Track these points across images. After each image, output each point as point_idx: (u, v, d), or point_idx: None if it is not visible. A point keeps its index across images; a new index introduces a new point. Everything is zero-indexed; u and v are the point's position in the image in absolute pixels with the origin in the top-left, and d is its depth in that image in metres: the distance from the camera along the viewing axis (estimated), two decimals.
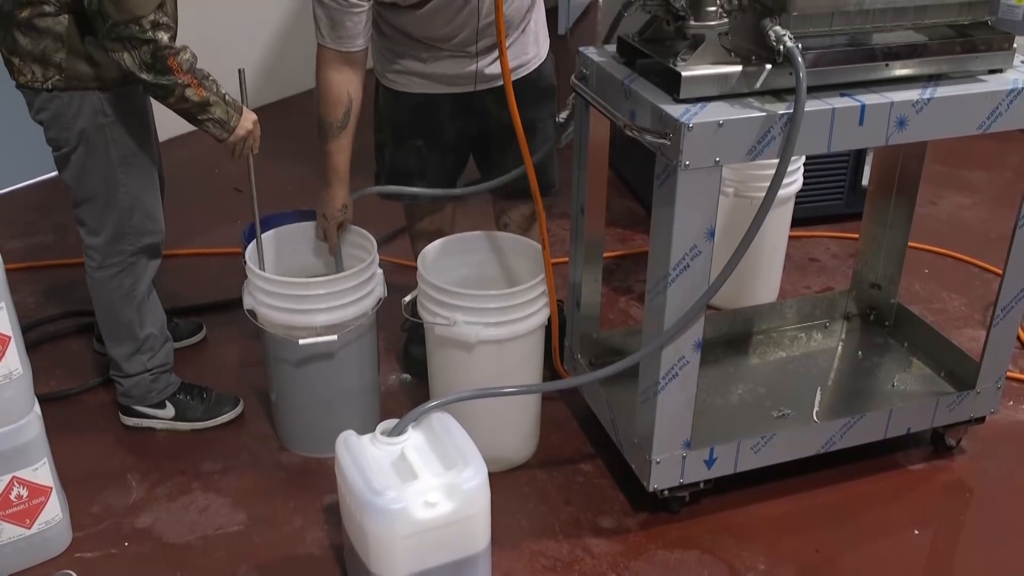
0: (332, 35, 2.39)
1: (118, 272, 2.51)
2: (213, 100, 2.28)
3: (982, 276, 3.56)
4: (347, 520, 2.10)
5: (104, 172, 2.39)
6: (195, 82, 2.23)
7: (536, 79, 2.68)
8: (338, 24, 2.36)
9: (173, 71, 2.20)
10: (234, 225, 3.47)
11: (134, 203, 2.45)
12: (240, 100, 2.38)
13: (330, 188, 2.55)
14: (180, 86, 2.22)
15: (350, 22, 2.36)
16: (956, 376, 2.64)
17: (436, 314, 2.40)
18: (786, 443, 2.41)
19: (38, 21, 2.23)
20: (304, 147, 4.17)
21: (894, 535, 2.42)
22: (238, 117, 2.33)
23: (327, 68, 2.44)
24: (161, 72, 2.19)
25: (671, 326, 2.10)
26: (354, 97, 2.47)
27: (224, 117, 2.31)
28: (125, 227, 2.46)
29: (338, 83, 2.44)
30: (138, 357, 2.62)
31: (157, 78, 2.20)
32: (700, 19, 1.99)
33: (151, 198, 2.49)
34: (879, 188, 2.83)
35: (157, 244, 2.55)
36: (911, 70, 2.09)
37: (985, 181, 4.32)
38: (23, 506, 2.23)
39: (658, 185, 2.03)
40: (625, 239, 3.79)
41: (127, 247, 2.49)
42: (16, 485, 2.20)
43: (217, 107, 2.29)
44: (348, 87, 2.45)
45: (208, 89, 2.27)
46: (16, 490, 2.21)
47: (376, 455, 2.05)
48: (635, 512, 2.46)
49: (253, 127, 2.39)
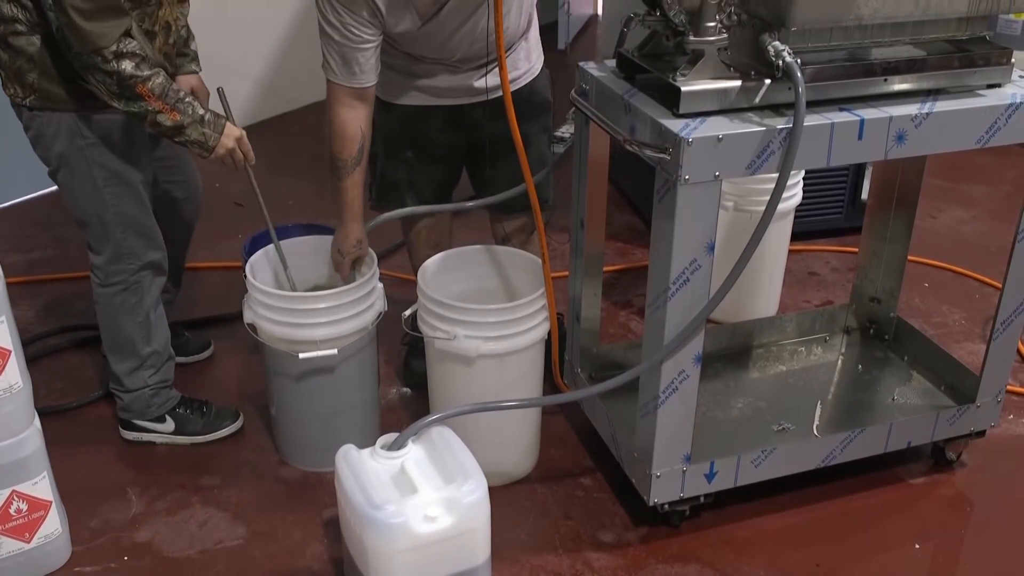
0: (344, 72, 2.38)
1: (122, 290, 2.51)
2: (187, 123, 2.27)
3: (982, 290, 3.56)
4: (347, 534, 2.10)
5: (91, 194, 2.39)
6: (167, 107, 2.23)
7: (528, 94, 2.68)
8: (350, 61, 2.36)
9: (144, 98, 2.20)
10: (235, 239, 3.48)
11: (127, 224, 2.44)
12: (226, 117, 2.38)
13: (344, 226, 2.54)
14: (152, 112, 2.22)
15: (362, 57, 2.36)
16: (956, 390, 2.64)
17: (436, 328, 2.40)
18: (786, 457, 2.41)
19: (12, 39, 2.24)
20: (303, 162, 4.19)
21: (895, 549, 2.42)
22: (217, 136, 2.32)
23: (339, 105, 2.41)
24: (131, 99, 2.20)
25: (671, 340, 2.11)
26: (366, 133, 2.46)
27: (200, 139, 2.30)
28: (122, 248, 2.46)
29: (351, 120, 2.42)
30: (140, 373, 2.62)
31: (128, 105, 2.21)
32: (699, 34, 1.99)
33: (144, 217, 2.48)
34: (878, 202, 2.83)
35: (158, 261, 2.55)
36: (910, 85, 2.10)
37: (984, 195, 4.33)
38: (22, 520, 2.23)
39: (658, 199, 2.04)
40: (625, 253, 3.79)
41: (128, 266, 2.49)
42: (15, 499, 2.20)
43: (192, 129, 2.28)
44: (360, 123, 2.44)
45: (182, 112, 2.26)
46: (15, 504, 2.20)
47: (376, 469, 2.05)
48: (635, 526, 2.46)
49: (236, 144, 2.37)
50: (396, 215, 2.72)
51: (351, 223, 2.53)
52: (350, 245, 2.55)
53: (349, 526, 2.05)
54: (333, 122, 2.44)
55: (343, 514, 2.09)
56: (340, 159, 2.46)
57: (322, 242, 2.70)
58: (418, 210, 2.73)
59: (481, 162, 2.77)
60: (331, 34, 2.33)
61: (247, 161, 2.42)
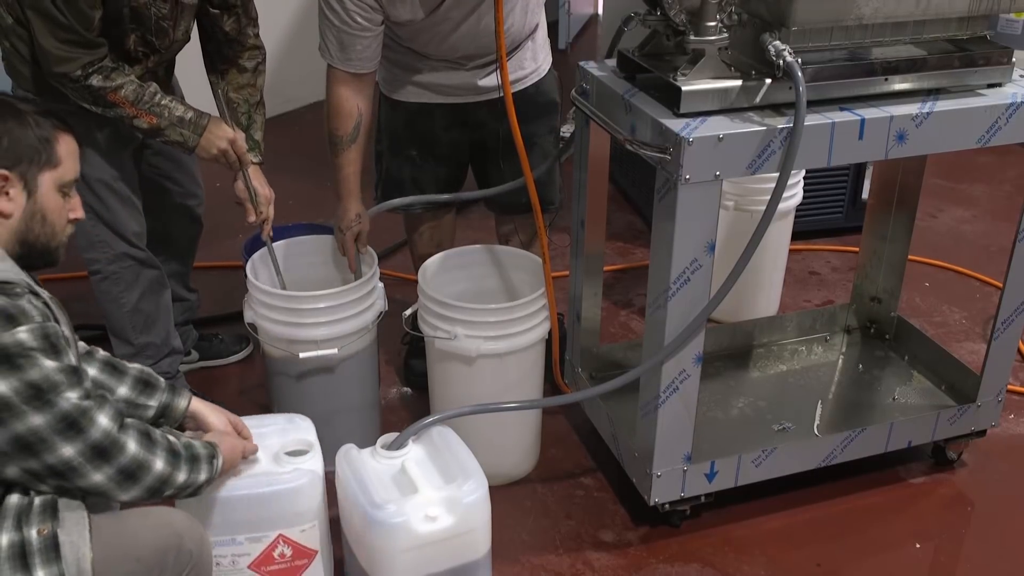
0: (341, 56, 2.39)
1: (103, 279, 2.54)
2: (165, 125, 2.29)
3: (982, 289, 3.56)
4: (347, 533, 2.10)
5: None
6: (142, 112, 2.26)
7: (535, 94, 2.68)
8: (347, 47, 2.36)
9: (118, 105, 2.24)
10: (235, 239, 3.48)
11: (96, 215, 2.44)
12: (218, 117, 2.39)
13: (341, 201, 2.56)
14: (128, 117, 2.26)
15: (360, 45, 2.36)
16: (957, 389, 2.64)
17: (437, 328, 2.40)
18: (787, 457, 2.41)
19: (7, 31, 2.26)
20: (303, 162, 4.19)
21: (895, 548, 2.42)
22: (196, 138, 2.33)
23: (337, 84, 2.44)
24: (107, 107, 2.24)
25: (672, 340, 2.11)
26: (364, 111, 2.47)
27: (180, 139, 2.33)
28: (92, 237, 2.48)
29: (348, 98, 2.44)
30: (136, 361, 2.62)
31: (105, 111, 2.25)
32: (700, 34, 1.99)
33: (116, 211, 2.48)
34: (879, 202, 2.83)
35: (135, 255, 2.54)
36: (910, 84, 2.10)
37: (984, 194, 4.33)
38: (284, 565, 2.05)
39: (658, 199, 2.04)
40: (625, 253, 3.79)
41: (101, 255, 2.50)
42: (281, 543, 2.04)
43: (171, 131, 2.30)
44: (358, 101, 2.45)
45: (159, 115, 2.28)
46: (280, 548, 2.04)
47: (376, 469, 2.05)
48: (636, 526, 2.46)
49: (228, 145, 2.38)
50: (397, 204, 2.71)
51: (348, 199, 2.55)
52: (349, 219, 2.56)
53: (350, 525, 2.05)
54: (330, 100, 2.46)
55: (344, 513, 2.09)
56: (336, 135, 2.48)
57: (322, 242, 2.70)
58: (419, 199, 2.73)
59: (486, 161, 2.77)
60: (331, 18, 2.34)
61: (242, 163, 2.43)
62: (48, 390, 1.49)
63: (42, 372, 1.49)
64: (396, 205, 2.71)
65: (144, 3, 2.23)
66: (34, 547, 1.54)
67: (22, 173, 1.66)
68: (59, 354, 1.53)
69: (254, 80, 2.54)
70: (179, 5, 2.31)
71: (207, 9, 2.41)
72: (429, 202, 2.75)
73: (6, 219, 1.64)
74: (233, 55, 2.50)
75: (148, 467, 1.65)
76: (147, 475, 1.65)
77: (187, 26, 2.40)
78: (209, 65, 2.55)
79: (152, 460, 1.65)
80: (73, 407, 1.52)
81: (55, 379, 1.50)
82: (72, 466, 1.56)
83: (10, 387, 1.46)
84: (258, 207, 2.49)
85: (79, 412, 1.54)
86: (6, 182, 1.64)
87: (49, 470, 1.55)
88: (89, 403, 1.56)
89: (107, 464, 1.59)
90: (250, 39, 2.50)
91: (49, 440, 1.52)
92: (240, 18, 2.45)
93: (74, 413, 1.53)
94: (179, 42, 2.41)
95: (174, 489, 1.72)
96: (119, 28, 2.23)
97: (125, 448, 1.61)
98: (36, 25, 2.12)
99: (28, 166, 1.67)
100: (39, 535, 1.55)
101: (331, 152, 2.52)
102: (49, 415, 1.50)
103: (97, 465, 1.58)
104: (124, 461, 1.60)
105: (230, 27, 2.45)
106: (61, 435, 1.52)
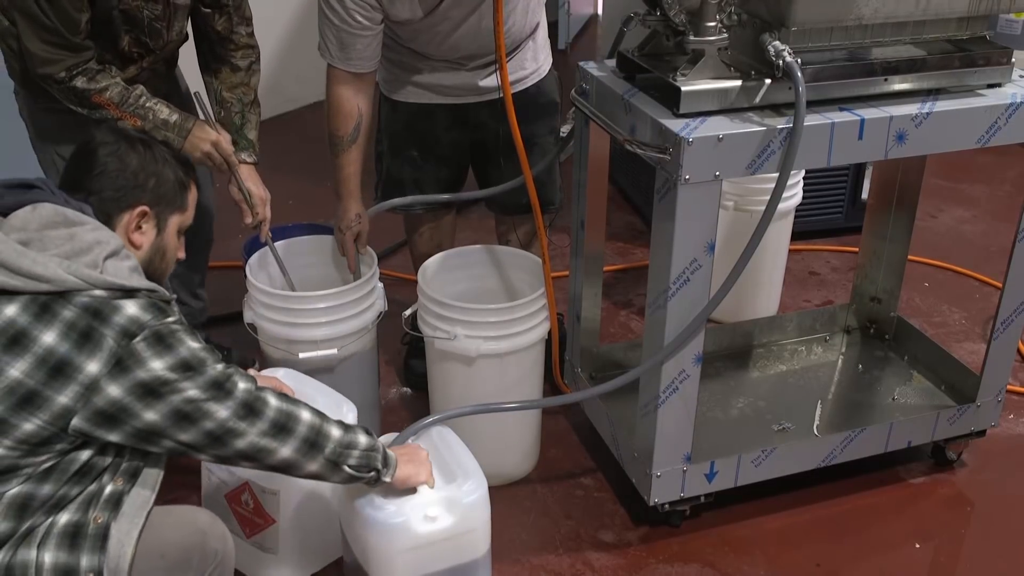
0: (341, 56, 2.39)
1: None
2: (149, 127, 2.28)
3: (982, 289, 3.56)
4: (347, 533, 2.10)
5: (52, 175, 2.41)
6: (126, 114, 2.26)
7: (535, 94, 2.68)
8: (347, 46, 2.36)
9: (102, 107, 2.24)
10: (235, 239, 3.48)
11: None
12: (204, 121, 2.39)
13: (341, 201, 2.56)
14: (113, 119, 2.26)
15: (360, 44, 2.36)
16: (956, 389, 2.64)
17: (436, 328, 2.40)
18: (787, 457, 2.41)
19: None
20: (303, 162, 4.19)
21: (895, 549, 2.42)
22: (180, 140, 2.33)
23: (337, 84, 2.44)
24: (92, 108, 2.25)
25: (672, 340, 2.11)
26: (364, 111, 2.47)
27: (164, 142, 2.31)
28: None
29: (348, 97, 2.44)
30: None
31: (91, 113, 2.26)
32: (699, 34, 1.99)
33: None
34: (879, 202, 2.83)
35: None
36: (910, 84, 2.10)
37: (984, 195, 4.33)
38: (247, 515, 2.22)
39: (658, 199, 2.04)
40: (625, 253, 3.79)
41: None
42: (247, 492, 2.19)
43: (156, 133, 2.29)
44: (359, 101, 2.45)
45: (143, 117, 2.28)
46: (245, 495, 2.20)
47: None
48: (636, 526, 2.46)
49: (211, 148, 2.37)
50: (397, 203, 2.71)
51: (347, 199, 2.55)
52: (349, 220, 2.56)
53: (349, 525, 2.05)
54: (330, 99, 2.46)
55: (343, 513, 2.09)
56: (336, 135, 2.48)
57: (322, 242, 2.70)
58: (419, 199, 2.73)
59: (486, 162, 2.77)
60: (331, 17, 2.34)
61: (229, 164, 2.42)
62: (197, 364, 1.63)
63: (190, 350, 1.63)
64: (396, 205, 2.71)
65: (136, 5, 2.23)
66: (88, 531, 1.63)
67: (158, 212, 1.82)
68: (196, 337, 1.67)
69: (248, 79, 2.53)
70: (171, 6, 2.31)
71: (199, 8, 2.40)
72: (429, 202, 2.75)
73: (136, 249, 1.79)
74: (225, 54, 2.49)
75: (296, 416, 1.73)
76: (298, 424, 1.73)
77: (181, 26, 2.40)
78: (203, 64, 2.54)
79: (296, 409, 1.74)
80: (219, 373, 1.65)
81: (201, 355, 1.64)
82: (228, 427, 1.66)
83: (166, 364, 1.59)
84: (253, 208, 2.48)
85: (224, 377, 1.66)
86: (144, 217, 1.79)
87: (208, 436, 1.66)
88: (231, 370, 1.69)
89: (258, 419, 1.68)
90: (242, 38, 2.49)
91: (204, 407, 1.63)
92: (231, 17, 2.44)
93: (220, 378, 1.65)
94: (174, 42, 2.41)
95: (334, 444, 1.77)
96: (111, 30, 2.23)
97: (268, 402, 1.70)
98: (21, 26, 2.13)
99: (164, 207, 1.83)
100: (95, 522, 1.63)
101: (331, 152, 2.52)
102: (201, 383, 1.63)
103: (251, 422, 1.68)
104: (271, 414, 1.70)
105: (221, 26, 2.44)
106: (214, 400, 1.64)
